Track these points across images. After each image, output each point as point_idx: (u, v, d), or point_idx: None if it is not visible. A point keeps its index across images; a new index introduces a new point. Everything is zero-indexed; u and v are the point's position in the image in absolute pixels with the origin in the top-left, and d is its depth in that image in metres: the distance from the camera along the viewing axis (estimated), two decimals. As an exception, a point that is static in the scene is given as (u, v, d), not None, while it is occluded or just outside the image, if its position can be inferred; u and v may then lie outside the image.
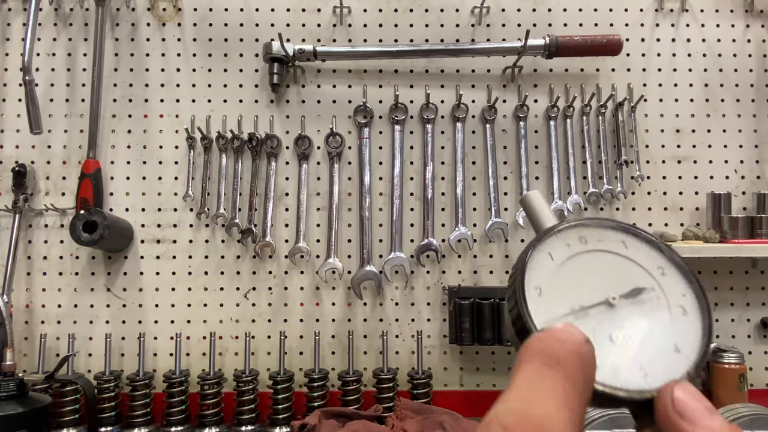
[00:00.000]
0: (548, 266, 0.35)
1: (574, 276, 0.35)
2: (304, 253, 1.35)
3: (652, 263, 0.36)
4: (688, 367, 0.32)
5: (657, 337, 0.33)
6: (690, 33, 1.43)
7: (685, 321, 0.34)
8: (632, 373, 0.31)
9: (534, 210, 0.41)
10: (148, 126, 1.40)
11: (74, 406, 1.25)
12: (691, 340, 0.33)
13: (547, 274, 0.34)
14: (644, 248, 0.36)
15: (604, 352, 0.32)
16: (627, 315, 0.33)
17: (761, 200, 1.35)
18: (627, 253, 0.36)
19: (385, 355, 1.32)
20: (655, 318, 0.34)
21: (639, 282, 0.35)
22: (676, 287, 0.35)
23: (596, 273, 0.35)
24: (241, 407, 1.27)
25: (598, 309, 0.33)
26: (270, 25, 1.41)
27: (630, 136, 1.39)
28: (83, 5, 1.41)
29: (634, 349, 0.32)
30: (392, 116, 1.39)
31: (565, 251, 0.35)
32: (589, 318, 0.33)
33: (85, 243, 1.24)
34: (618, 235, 0.37)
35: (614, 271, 0.35)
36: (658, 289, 0.35)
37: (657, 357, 0.32)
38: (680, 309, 0.34)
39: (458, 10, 1.42)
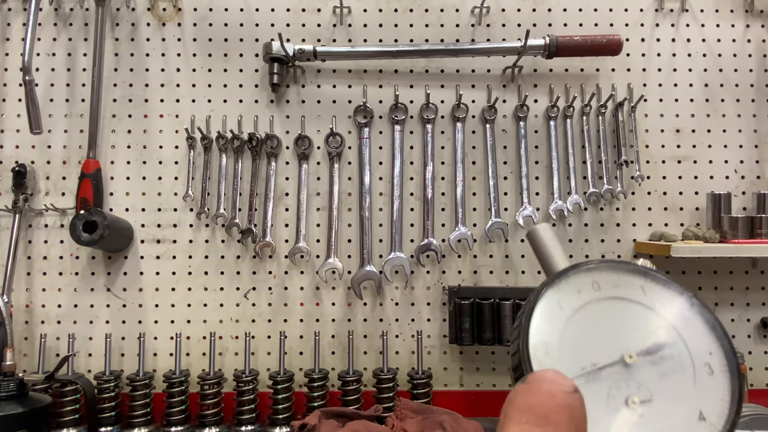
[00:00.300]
0: (557, 318, 0.31)
1: (586, 329, 0.31)
2: (304, 253, 1.35)
3: (675, 312, 0.31)
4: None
5: (679, 401, 0.29)
6: (690, 33, 1.43)
7: (712, 383, 0.30)
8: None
9: (543, 246, 0.36)
10: (148, 126, 1.40)
11: (74, 406, 1.25)
12: (719, 405, 0.29)
13: (556, 328, 0.30)
14: (666, 295, 0.32)
15: (619, 420, 0.28)
16: (645, 375, 0.29)
17: (761, 200, 1.35)
18: (645, 301, 0.32)
19: (385, 355, 1.32)
20: (677, 379, 0.30)
21: (659, 336, 0.30)
22: (702, 342, 0.30)
23: (611, 325, 0.31)
24: (241, 407, 1.27)
25: (613, 369, 0.29)
26: (270, 25, 1.41)
27: (630, 136, 1.39)
28: (83, 5, 1.41)
29: (653, 416, 0.29)
30: (392, 116, 1.39)
31: (576, 299, 0.31)
32: (603, 380, 0.29)
33: (85, 243, 1.24)
34: (635, 279, 0.32)
35: (631, 323, 0.31)
36: (681, 343, 0.30)
37: (679, 426, 0.28)
38: (707, 368, 0.30)
39: (458, 10, 1.42)
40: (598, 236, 1.40)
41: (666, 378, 0.29)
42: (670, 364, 0.30)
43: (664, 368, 0.29)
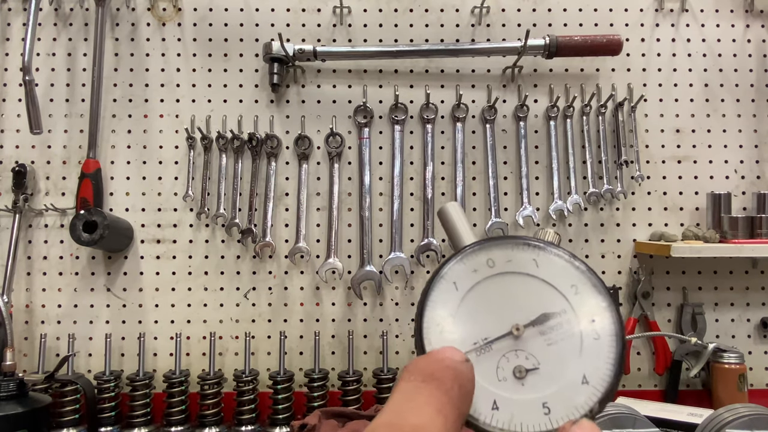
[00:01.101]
0: (452, 297, 0.32)
1: (480, 305, 0.32)
2: (304, 253, 1.35)
3: (565, 281, 0.33)
4: (593, 401, 0.31)
5: (564, 368, 0.31)
6: (690, 33, 1.43)
7: (597, 347, 0.31)
8: (534, 413, 0.30)
9: (452, 224, 0.38)
10: (148, 126, 1.40)
11: (74, 406, 1.25)
12: (602, 369, 0.31)
13: (450, 307, 0.32)
14: (557, 265, 0.34)
15: (507, 391, 0.30)
16: (534, 345, 0.31)
17: (761, 200, 1.35)
18: (538, 273, 0.33)
19: (385, 355, 1.32)
20: (564, 346, 0.31)
21: (549, 306, 0.32)
22: (589, 308, 0.32)
23: (503, 300, 0.32)
24: (241, 407, 1.27)
25: (503, 342, 0.31)
26: (270, 25, 1.41)
27: (630, 136, 1.39)
28: (83, 5, 1.41)
29: (538, 384, 0.31)
30: (392, 116, 1.39)
31: (471, 278, 0.33)
32: (493, 353, 0.31)
33: (85, 243, 1.24)
34: (528, 253, 0.34)
35: (522, 296, 0.33)
36: (570, 311, 0.32)
37: (563, 391, 0.30)
38: (592, 333, 0.32)
39: (458, 10, 1.42)
40: (598, 236, 1.40)
41: (553, 346, 0.31)
42: (557, 332, 0.32)
43: (551, 337, 0.31)
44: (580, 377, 0.31)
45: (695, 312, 1.37)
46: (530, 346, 0.32)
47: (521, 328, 0.32)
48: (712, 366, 1.29)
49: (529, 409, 0.30)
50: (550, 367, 0.31)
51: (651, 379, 1.39)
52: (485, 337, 0.32)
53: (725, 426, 0.88)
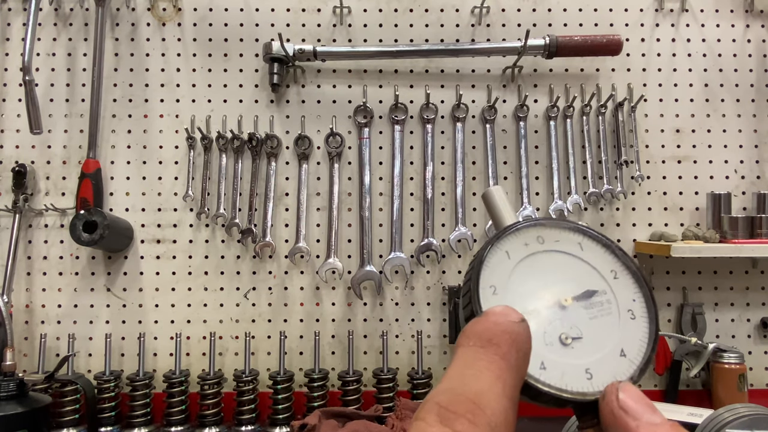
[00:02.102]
0: (505, 265, 0.35)
1: (530, 275, 0.35)
2: (304, 253, 1.35)
3: (606, 266, 0.36)
4: (632, 371, 0.33)
5: (605, 340, 0.34)
6: (690, 33, 1.43)
7: (633, 326, 0.34)
8: (578, 376, 0.32)
9: (495, 206, 0.41)
10: (148, 126, 1.40)
11: (74, 406, 1.25)
12: (637, 345, 0.34)
13: (503, 273, 0.35)
14: (599, 251, 0.37)
15: (554, 354, 0.33)
16: (578, 317, 0.34)
17: (761, 200, 1.35)
18: (582, 255, 0.36)
19: (385, 355, 1.32)
20: (605, 321, 0.34)
21: (591, 284, 0.35)
22: (628, 292, 0.35)
23: (551, 273, 0.35)
24: (241, 407, 1.27)
25: (551, 310, 0.34)
26: (270, 25, 1.41)
27: (630, 136, 1.39)
28: (83, 5, 1.41)
29: (582, 351, 0.33)
30: (392, 116, 1.39)
31: (523, 250, 0.36)
32: (542, 318, 0.33)
33: (85, 243, 1.24)
34: (575, 236, 0.37)
35: (569, 273, 0.36)
36: (609, 292, 0.35)
37: (603, 360, 0.33)
38: (629, 313, 0.35)
39: (458, 10, 1.42)
40: (598, 236, 1.40)
41: (595, 320, 0.34)
42: (599, 308, 0.35)
43: (593, 312, 0.35)
44: (619, 350, 0.33)
45: (695, 312, 1.37)
46: (574, 318, 0.34)
47: (569, 300, 0.34)
48: (712, 366, 1.29)
49: (573, 372, 0.32)
50: (591, 338, 0.33)
51: (651, 379, 1.39)
52: (534, 303, 0.34)
53: (725, 426, 0.88)
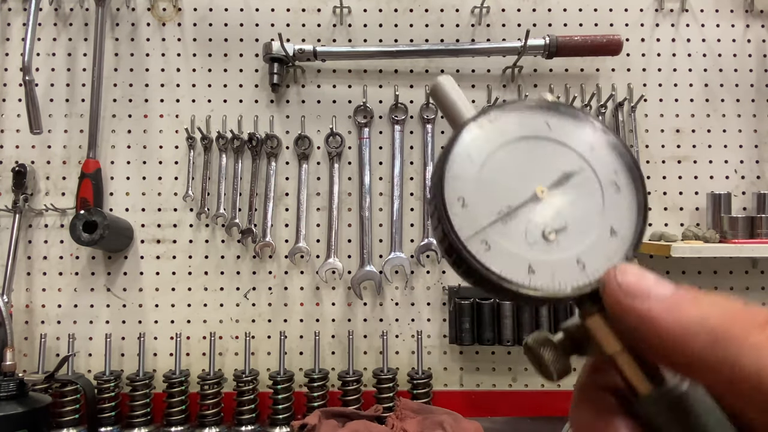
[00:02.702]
0: (469, 169, 0.31)
1: (498, 174, 0.31)
2: (304, 253, 1.35)
3: (580, 141, 0.32)
4: (625, 249, 0.31)
5: (591, 222, 0.31)
6: (690, 33, 1.43)
7: (619, 199, 0.32)
8: (570, 270, 0.30)
9: (450, 99, 0.35)
10: (148, 126, 1.40)
11: (74, 406, 1.25)
12: (627, 218, 0.31)
13: (469, 179, 0.31)
14: (570, 125, 0.33)
15: (540, 253, 0.30)
16: (558, 205, 0.31)
17: (761, 200, 1.35)
18: (552, 135, 0.32)
19: (385, 355, 1.32)
20: (588, 202, 0.31)
21: (567, 166, 0.32)
22: (608, 164, 0.32)
23: (521, 165, 0.32)
24: (241, 407, 1.27)
25: (527, 206, 0.31)
26: (270, 25, 1.41)
27: (630, 136, 1.39)
28: (83, 5, 1.41)
29: (569, 242, 0.30)
30: (392, 116, 1.39)
31: (484, 147, 0.32)
32: (519, 218, 0.31)
33: (85, 243, 1.24)
34: (539, 116, 0.33)
35: (540, 159, 0.32)
36: (588, 169, 0.32)
37: (594, 245, 0.30)
38: (613, 186, 0.32)
39: (458, 10, 1.42)
40: (598, 236, 1.40)
41: (576, 204, 0.31)
42: (579, 190, 0.31)
43: (574, 196, 0.31)
44: (608, 230, 0.31)
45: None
46: (555, 207, 0.31)
47: (544, 190, 0.31)
48: (712, 366, 1.29)
49: (565, 267, 0.30)
50: (577, 225, 0.31)
51: (651, 379, 1.39)
52: (509, 205, 0.31)
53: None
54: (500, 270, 0.30)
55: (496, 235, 0.30)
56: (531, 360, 0.31)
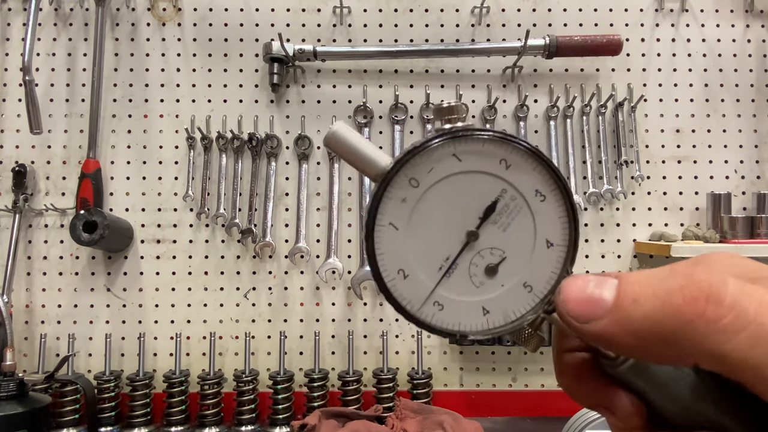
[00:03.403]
0: (398, 239, 0.31)
1: (427, 229, 0.31)
2: (304, 253, 1.35)
3: (492, 161, 0.31)
4: (562, 259, 0.31)
5: (527, 243, 0.31)
6: (690, 33, 1.43)
7: (547, 207, 0.31)
8: (520, 297, 0.31)
9: (354, 149, 0.33)
10: (148, 126, 1.40)
11: (74, 406, 1.25)
12: (559, 226, 0.31)
13: (400, 249, 0.31)
14: (477, 147, 0.31)
15: (488, 291, 0.31)
16: (491, 238, 0.31)
17: (761, 200, 1.35)
18: (463, 167, 0.32)
19: (385, 355, 1.32)
20: (519, 225, 0.31)
21: (488, 195, 0.31)
22: (526, 177, 0.31)
23: (445, 211, 0.31)
24: (241, 407, 1.27)
25: (465, 252, 0.31)
26: (270, 25, 1.41)
27: (630, 136, 1.39)
28: (83, 5, 1.41)
29: (512, 269, 0.31)
30: (392, 116, 1.39)
31: (404, 209, 0.31)
32: (461, 267, 0.31)
33: (85, 243, 1.24)
34: (445, 149, 0.31)
35: (460, 198, 0.31)
36: (509, 188, 0.31)
37: (535, 264, 0.31)
38: (539, 197, 0.31)
39: (458, 10, 1.42)
40: (598, 236, 1.40)
41: (509, 229, 0.31)
42: (506, 215, 0.31)
43: (503, 222, 0.31)
44: (545, 243, 0.31)
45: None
46: (489, 241, 0.31)
47: (476, 233, 0.31)
48: (712, 366, 1.29)
49: (515, 297, 0.31)
50: (515, 251, 0.31)
51: (651, 379, 1.39)
52: (447, 257, 0.31)
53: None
54: (457, 325, 0.31)
55: (444, 291, 0.31)
56: (510, 336, 0.32)
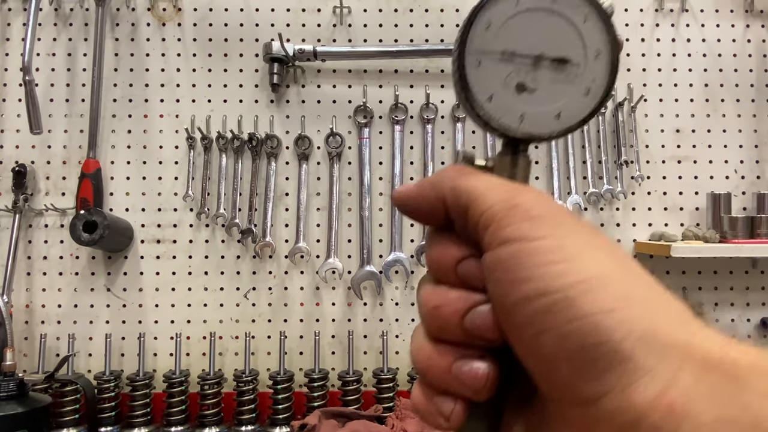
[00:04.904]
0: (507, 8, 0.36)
1: (526, 26, 0.35)
2: (304, 253, 1.35)
3: (594, 45, 0.36)
4: (557, 127, 0.34)
5: (552, 101, 0.35)
6: (690, 33, 1.43)
7: (582, 100, 0.35)
8: (513, 116, 0.34)
9: None
10: (148, 126, 1.40)
11: (74, 406, 1.25)
12: (576, 114, 0.35)
13: (502, 15, 0.35)
14: (598, 28, 0.36)
15: (505, 94, 0.35)
16: (543, 75, 0.35)
17: (761, 200, 1.35)
18: (580, 25, 0.36)
19: (385, 355, 1.32)
20: (562, 89, 0.35)
21: (569, 53, 0.35)
22: (598, 71, 0.35)
23: (545, 31, 0.35)
24: (241, 407, 1.27)
25: (523, 60, 0.35)
26: (270, 25, 1.41)
27: (630, 136, 1.39)
28: (83, 5, 1.41)
29: (527, 101, 0.35)
30: (392, 116, 1.39)
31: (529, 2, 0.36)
32: (511, 65, 0.35)
33: (85, 243, 1.24)
34: (584, 7, 0.36)
35: (561, 36, 0.36)
36: (583, 67, 0.35)
37: (540, 113, 0.35)
38: (585, 90, 0.35)
39: (458, 10, 1.42)
40: (598, 236, 1.40)
41: (555, 84, 0.35)
42: (565, 76, 0.35)
43: (559, 77, 0.35)
44: (557, 112, 0.35)
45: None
46: (540, 75, 0.35)
47: (545, 57, 0.35)
48: (712, 366, 1.29)
49: (510, 112, 0.34)
50: (542, 95, 0.35)
51: (651, 379, 1.39)
52: (513, 50, 0.35)
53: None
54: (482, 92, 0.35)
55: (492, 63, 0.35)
56: None
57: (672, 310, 0.26)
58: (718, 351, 0.24)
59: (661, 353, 0.24)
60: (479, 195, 0.30)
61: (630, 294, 0.25)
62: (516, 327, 0.27)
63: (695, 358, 0.24)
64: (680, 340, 0.24)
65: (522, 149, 0.35)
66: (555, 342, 0.25)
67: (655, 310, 0.25)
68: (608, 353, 0.24)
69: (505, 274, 0.27)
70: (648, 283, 0.27)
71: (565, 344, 0.25)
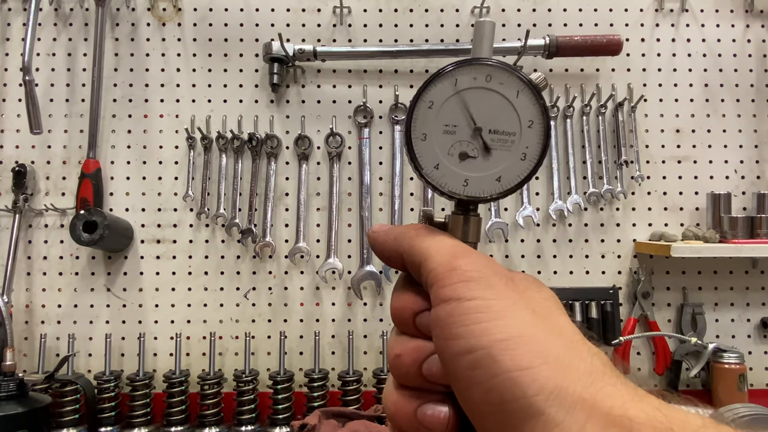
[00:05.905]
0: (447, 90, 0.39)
1: (468, 101, 0.39)
2: (304, 253, 1.35)
3: (527, 116, 0.39)
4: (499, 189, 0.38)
5: (491, 167, 0.38)
6: (690, 33, 1.43)
7: (519, 163, 0.38)
8: (456, 181, 0.38)
9: (481, 38, 0.45)
10: (148, 126, 1.40)
11: (74, 406, 1.25)
12: (514, 178, 0.38)
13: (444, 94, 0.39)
14: (531, 101, 0.39)
15: (449, 162, 0.38)
16: (482, 144, 0.38)
17: (761, 200, 1.35)
18: (515, 101, 0.39)
19: (385, 355, 1.32)
20: (501, 154, 0.38)
21: (505, 124, 0.38)
22: (531, 140, 0.39)
23: (484, 106, 0.39)
24: (241, 407, 1.27)
25: (465, 131, 0.38)
26: (270, 25, 1.41)
27: (630, 136, 1.39)
28: (83, 5, 1.41)
29: (469, 167, 0.38)
30: (392, 116, 1.39)
31: (470, 82, 0.39)
32: (455, 136, 0.38)
33: (85, 243, 1.24)
34: (517, 83, 0.39)
35: (498, 111, 0.39)
36: (518, 136, 0.38)
37: (480, 179, 0.38)
38: (522, 155, 0.38)
39: (458, 10, 1.42)
40: (598, 236, 1.40)
41: (494, 151, 0.39)
42: (501, 144, 0.39)
43: (496, 144, 0.39)
44: (497, 177, 0.38)
45: (695, 312, 1.37)
46: (480, 145, 0.38)
47: (483, 129, 0.38)
48: (712, 366, 1.29)
49: (454, 177, 0.38)
50: (483, 162, 0.38)
51: (651, 379, 1.39)
52: (455, 125, 0.38)
53: (725, 426, 0.88)
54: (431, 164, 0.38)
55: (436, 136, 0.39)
56: None
57: (583, 368, 0.28)
58: (620, 407, 0.26)
59: (569, 408, 0.26)
60: (429, 256, 0.33)
61: (546, 352, 0.28)
62: (452, 379, 0.30)
63: (599, 414, 0.26)
64: (587, 397, 0.27)
65: (472, 209, 0.39)
66: (481, 395, 0.28)
67: (566, 369, 0.28)
68: (524, 407, 0.27)
69: (442, 330, 0.30)
70: (568, 341, 0.29)
71: (489, 398, 0.28)
